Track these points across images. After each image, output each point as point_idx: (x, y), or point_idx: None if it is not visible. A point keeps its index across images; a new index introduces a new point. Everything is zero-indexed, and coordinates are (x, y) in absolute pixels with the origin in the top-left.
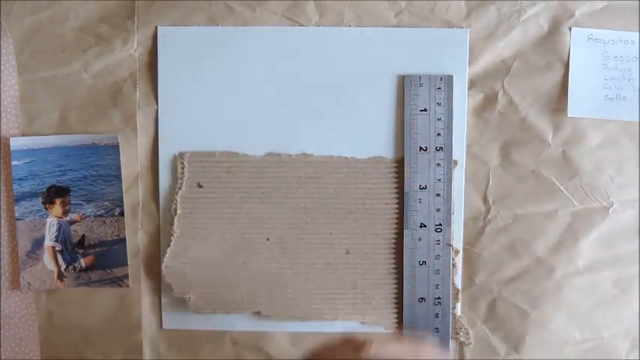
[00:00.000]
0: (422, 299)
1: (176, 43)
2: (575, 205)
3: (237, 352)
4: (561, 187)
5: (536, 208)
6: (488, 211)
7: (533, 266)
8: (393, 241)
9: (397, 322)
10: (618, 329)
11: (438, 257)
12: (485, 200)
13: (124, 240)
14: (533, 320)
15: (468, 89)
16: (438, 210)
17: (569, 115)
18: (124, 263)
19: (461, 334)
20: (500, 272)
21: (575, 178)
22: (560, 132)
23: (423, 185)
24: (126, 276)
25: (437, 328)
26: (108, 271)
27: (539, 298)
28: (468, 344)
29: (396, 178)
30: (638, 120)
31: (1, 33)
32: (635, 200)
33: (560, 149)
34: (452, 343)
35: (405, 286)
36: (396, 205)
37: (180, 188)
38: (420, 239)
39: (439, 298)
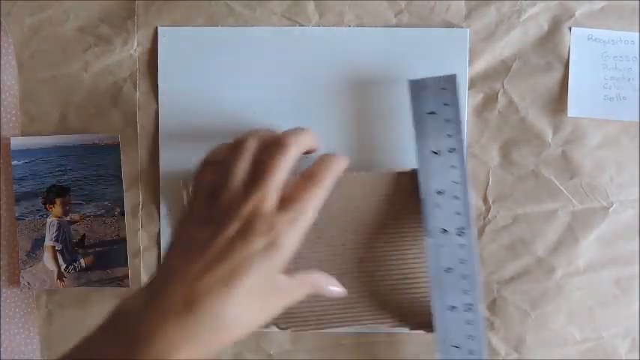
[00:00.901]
0: (452, 307)
1: (176, 44)
2: (575, 205)
3: (238, 352)
4: (561, 187)
5: (536, 208)
6: (488, 211)
7: (533, 266)
8: (407, 247)
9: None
10: (618, 329)
11: (463, 262)
12: (485, 200)
13: (124, 240)
14: (533, 320)
15: (468, 89)
16: (458, 213)
17: (569, 115)
18: (124, 263)
19: None
20: (500, 272)
21: (575, 178)
22: (560, 132)
23: (439, 190)
24: (126, 276)
25: (470, 336)
26: (108, 271)
27: (539, 298)
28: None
29: (406, 185)
30: (638, 120)
31: (1, 33)
32: (636, 200)
33: (560, 149)
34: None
35: (433, 295)
36: (408, 212)
37: None
38: (442, 246)
39: (470, 303)
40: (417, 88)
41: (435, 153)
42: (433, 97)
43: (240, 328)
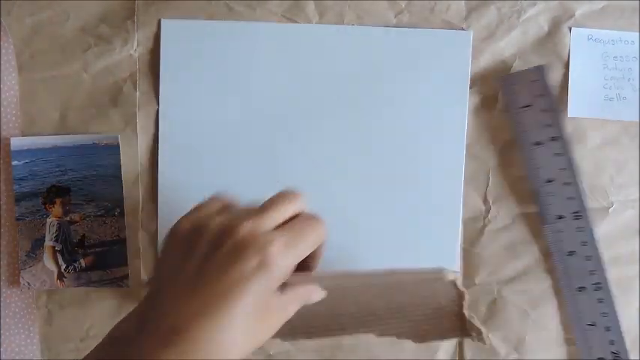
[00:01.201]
0: (581, 288)
1: (179, 37)
2: None
3: None
4: None
5: (535, 208)
6: (488, 211)
7: (533, 266)
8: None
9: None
10: None
11: (585, 244)
12: (485, 200)
13: (124, 240)
14: (533, 320)
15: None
16: (571, 198)
17: (569, 116)
18: (124, 263)
19: (474, 334)
20: (500, 272)
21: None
22: None
23: (549, 179)
24: (126, 276)
25: (604, 313)
26: (108, 271)
27: (539, 298)
28: (486, 343)
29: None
30: (638, 120)
31: (1, 33)
32: (635, 200)
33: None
34: (453, 343)
35: (560, 279)
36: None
37: None
38: (561, 231)
39: (598, 282)
40: (508, 83)
41: (538, 144)
42: (526, 90)
43: (236, 351)
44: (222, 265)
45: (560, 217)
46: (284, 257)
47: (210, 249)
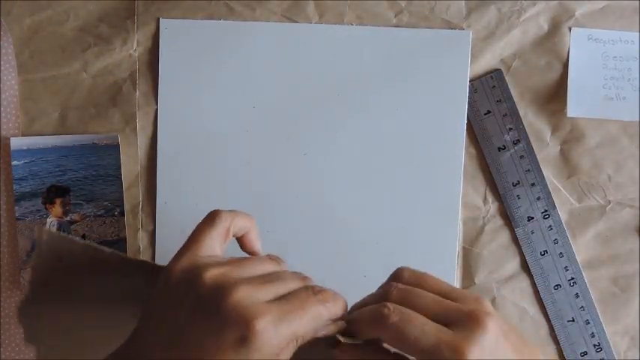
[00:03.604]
0: (557, 286)
1: (178, 37)
2: (573, 204)
3: None
4: (559, 186)
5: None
6: (488, 210)
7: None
8: None
9: None
10: (617, 327)
11: (556, 241)
12: (485, 200)
13: (124, 240)
14: (532, 318)
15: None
16: (538, 199)
17: (568, 115)
18: None
19: None
20: (500, 271)
21: (572, 177)
22: (558, 131)
23: (515, 182)
24: None
25: (582, 307)
26: None
27: (538, 297)
28: None
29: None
30: (637, 120)
31: (1, 33)
32: (633, 199)
33: (558, 148)
34: None
35: (536, 278)
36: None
37: None
38: (532, 232)
39: (573, 278)
40: (470, 92)
41: (502, 149)
42: (486, 97)
43: None
44: (202, 332)
45: (531, 219)
46: (272, 334)
47: (197, 306)
